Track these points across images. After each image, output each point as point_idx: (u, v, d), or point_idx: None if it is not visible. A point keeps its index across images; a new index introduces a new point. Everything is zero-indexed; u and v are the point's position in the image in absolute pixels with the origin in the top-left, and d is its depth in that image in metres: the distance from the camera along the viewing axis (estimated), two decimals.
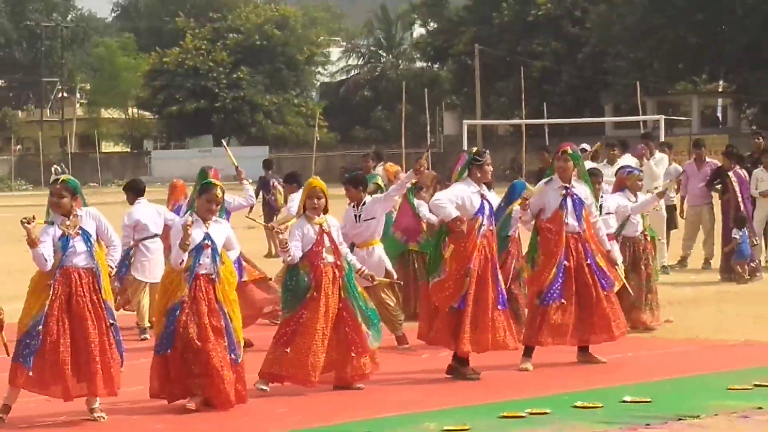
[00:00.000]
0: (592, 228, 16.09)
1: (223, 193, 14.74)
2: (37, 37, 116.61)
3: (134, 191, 20.85)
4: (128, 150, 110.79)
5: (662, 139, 44.79)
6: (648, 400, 13.07)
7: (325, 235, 14.59)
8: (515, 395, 13.77)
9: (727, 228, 25.28)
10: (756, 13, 79.79)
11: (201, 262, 13.41)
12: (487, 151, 16.35)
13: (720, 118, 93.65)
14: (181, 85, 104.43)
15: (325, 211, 14.87)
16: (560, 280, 15.37)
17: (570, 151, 16.53)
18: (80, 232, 12.87)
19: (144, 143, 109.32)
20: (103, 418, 12.90)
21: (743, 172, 25.57)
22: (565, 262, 15.51)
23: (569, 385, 14.36)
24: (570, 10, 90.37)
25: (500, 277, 15.52)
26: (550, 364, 15.80)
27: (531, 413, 12.52)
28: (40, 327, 12.49)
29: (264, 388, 14.24)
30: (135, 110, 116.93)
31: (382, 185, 18.83)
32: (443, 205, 15.31)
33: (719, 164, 28.12)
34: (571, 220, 15.76)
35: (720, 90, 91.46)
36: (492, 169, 16.24)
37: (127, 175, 63.10)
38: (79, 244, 12.79)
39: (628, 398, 13.22)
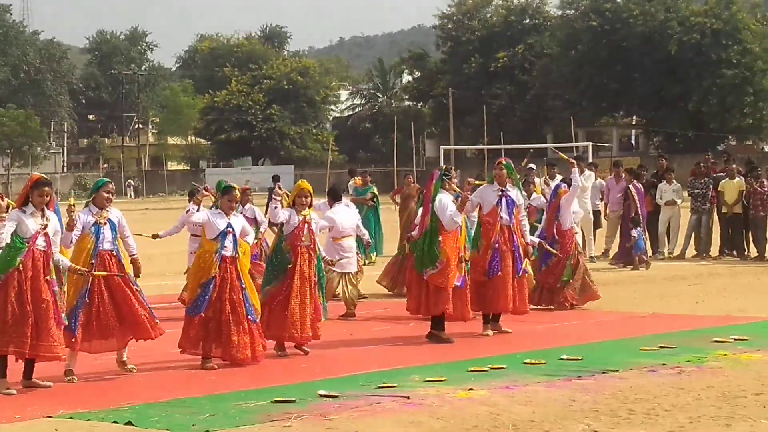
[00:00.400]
0: (519, 223, 16.26)
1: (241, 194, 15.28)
2: (120, 83, 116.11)
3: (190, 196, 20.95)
4: (188, 168, 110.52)
5: (590, 160, 44.72)
6: (580, 358, 13.14)
7: (305, 224, 14.70)
8: (479, 355, 13.78)
9: (626, 227, 25.35)
10: (660, 65, 79.85)
11: (225, 244, 13.52)
12: (452, 168, 16.74)
13: (633, 144, 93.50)
14: (227, 119, 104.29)
15: (309, 206, 15.09)
16: (497, 258, 15.48)
17: (504, 162, 16.86)
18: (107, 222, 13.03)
19: (200, 163, 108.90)
20: (134, 369, 13.05)
21: (639, 186, 25.72)
22: (496, 245, 15.68)
23: (520, 346, 14.36)
24: (521, 62, 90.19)
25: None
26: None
27: (492, 368, 12.57)
28: (86, 299, 12.61)
29: (283, 353, 14.38)
30: (193, 138, 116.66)
31: (376, 193, 18.84)
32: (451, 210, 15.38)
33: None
34: (504, 215, 15.94)
35: (633, 123, 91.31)
36: (456, 181, 16.50)
37: (186, 187, 62.61)
38: (107, 231, 12.98)
39: (564, 356, 13.31)
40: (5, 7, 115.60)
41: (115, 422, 10.16)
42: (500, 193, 16.09)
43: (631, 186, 23.57)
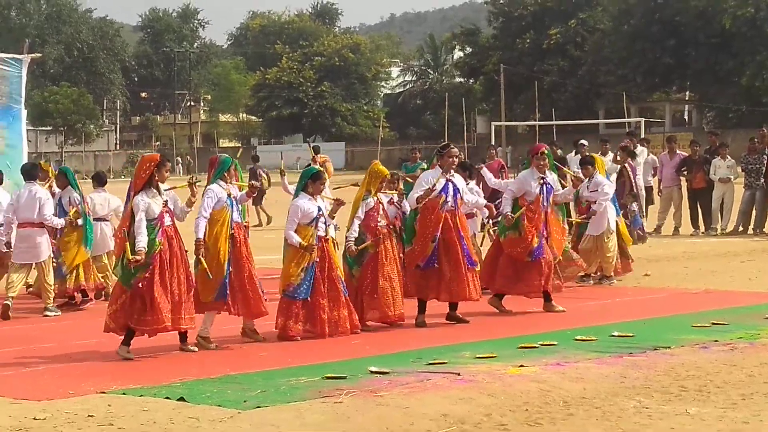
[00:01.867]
0: (461, 209, 15.68)
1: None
2: (171, 60, 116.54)
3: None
4: (239, 145, 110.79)
5: (642, 135, 44.61)
6: (631, 334, 13.10)
7: (380, 205, 14.87)
8: (530, 332, 13.78)
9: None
10: (713, 40, 79.25)
11: (319, 227, 13.81)
12: (451, 144, 16.28)
13: (687, 120, 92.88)
14: (278, 96, 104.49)
15: (388, 189, 15.22)
16: (541, 243, 15.52)
17: (546, 151, 16.84)
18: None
19: (251, 140, 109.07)
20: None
21: (633, 164, 25.58)
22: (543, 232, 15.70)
23: (571, 323, 14.34)
24: (573, 37, 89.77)
25: (465, 242, 15.21)
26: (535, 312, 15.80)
27: (542, 344, 12.57)
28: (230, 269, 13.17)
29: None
30: (244, 115, 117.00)
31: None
32: (414, 192, 15.18)
33: (686, 155, 28.06)
34: (545, 203, 15.94)
35: (686, 98, 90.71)
36: (454, 159, 15.72)
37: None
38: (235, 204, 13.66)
39: (615, 333, 13.25)
40: None
41: (167, 398, 10.24)
42: (541, 180, 16.02)
43: (626, 165, 23.28)
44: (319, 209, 13.90)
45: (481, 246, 18.28)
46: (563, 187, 16.97)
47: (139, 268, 12.12)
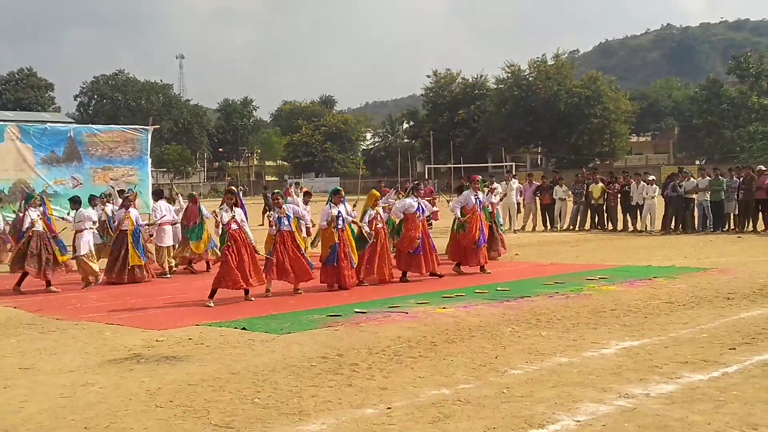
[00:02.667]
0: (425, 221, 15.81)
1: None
2: (237, 129, 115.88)
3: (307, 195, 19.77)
4: (276, 179, 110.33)
5: (514, 173, 44.70)
6: (508, 289, 13.02)
7: (378, 215, 14.96)
8: (449, 287, 13.66)
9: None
10: (554, 117, 79.81)
11: (339, 223, 13.96)
12: (420, 185, 17.16)
13: (540, 163, 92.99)
14: (300, 150, 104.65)
15: (377, 204, 15.24)
16: (419, 242, 15.06)
17: (479, 179, 16.94)
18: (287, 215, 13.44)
19: (284, 176, 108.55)
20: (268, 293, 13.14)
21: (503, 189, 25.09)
22: (421, 235, 15.23)
23: (473, 282, 14.24)
24: (472, 116, 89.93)
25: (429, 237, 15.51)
26: (468, 275, 15.71)
27: (456, 295, 12.52)
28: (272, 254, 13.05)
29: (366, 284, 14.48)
30: (280, 161, 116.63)
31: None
32: (399, 209, 15.56)
33: (539, 184, 28.14)
34: (478, 209, 15.83)
35: (539, 151, 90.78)
36: (422, 192, 16.63)
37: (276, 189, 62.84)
38: (285, 220, 13.31)
39: (499, 288, 13.18)
40: (169, 85, 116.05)
41: (235, 328, 10.29)
42: (475, 196, 15.96)
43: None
44: (339, 212, 14.01)
45: None
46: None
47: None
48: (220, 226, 12.53)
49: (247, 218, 13.27)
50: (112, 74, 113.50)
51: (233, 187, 14.30)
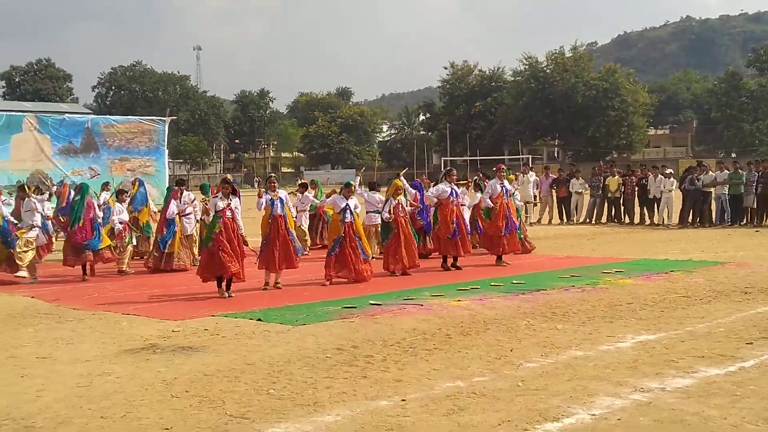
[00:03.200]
0: (460, 204, 15.91)
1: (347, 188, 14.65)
2: (254, 120, 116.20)
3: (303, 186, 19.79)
4: (293, 171, 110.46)
5: (531, 166, 44.69)
6: (523, 282, 13.03)
7: (400, 204, 14.89)
8: (464, 280, 13.66)
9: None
10: (572, 110, 79.55)
11: (346, 215, 13.88)
12: (452, 170, 16.53)
13: (556, 156, 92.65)
14: (316, 142, 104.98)
15: (404, 194, 15.43)
16: (510, 220, 15.55)
17: (504, 167, 17.03)
18: (280, 198, 13.26)
19: (301, 168, 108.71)
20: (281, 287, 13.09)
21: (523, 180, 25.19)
22: (508, 214, 15.57)
23: (488, 275, 14.24)
24: (489, 108, 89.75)
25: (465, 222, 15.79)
26: (479, 265, 15.69)
27: (471, 288, 12.52)
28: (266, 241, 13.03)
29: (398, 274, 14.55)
30: (296, 153, 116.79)
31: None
32: (434, 194, 15.63)
33: (556, 177, 28.13)
34: (505, 197, 15.82)
35: (556, 144, 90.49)
36: (454, 177, 16.11)
37: (292, 182, 62.60)
38: (278, 204, 13.18)
39: (515, 281, 13.18)
40: (186, 76, 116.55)
41: (250, 319, 10.32)
42: (501, 185, 15.89)
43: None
44: (347, 205, 13.94)
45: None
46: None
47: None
48: (211, 213, 12.35)
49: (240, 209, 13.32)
50: (129, 65, 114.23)
51: (229, 176, 14.26)
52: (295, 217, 16.39)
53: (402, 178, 16.70)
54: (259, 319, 10.22)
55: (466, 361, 7.87)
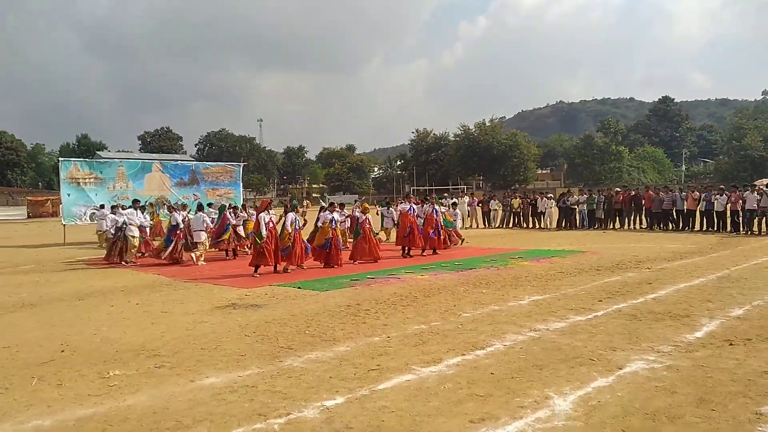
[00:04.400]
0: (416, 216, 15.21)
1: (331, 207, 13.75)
2: (296, 166, 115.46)
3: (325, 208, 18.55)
4: (319, 195, 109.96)
5: (465, 192, 44.47)
6: (461, 263, 12.92)
7: (366, 219, 14.10)
8: (425, 262, 13.55)
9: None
10: (491, 158, 79.34)
11: (333, 224, 13.09)
12: (411, 196, 16.30)
13: (481, 186, 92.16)
14: (334, 178, 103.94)
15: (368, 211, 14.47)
16: (410, 228, 14.77)
17: (435, 196, 16.83)
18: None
19: (324, 194, 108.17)
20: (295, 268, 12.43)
21: (429, 206, 24.85)
22: (438, 226, 15.21)
23: (440, 259, 14.11)
24: (439, 157, 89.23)
25: (418, 228, 15.15)
26: (436, 255, 15.55)
27: (430, 267, 12.41)
28: (290, 244, 12.23)
29: (358, 262, 13.73)
30: (321, 184, 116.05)
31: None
32: (400, 209, 15.09)
33: (480, 199, 28.02)
34: (435, 216, 15.24)
35: (481, 179, 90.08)
36: (411, 199, 15.97)
37: (318, 204, 63.14)
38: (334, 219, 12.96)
39: (456, 263, 13.07)
40: (253, 138, 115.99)
41: (293, 287, 10.18)
42: (432, 207, 15.52)
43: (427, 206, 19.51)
44: (332, 218, 13.20)
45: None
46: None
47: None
48: (261, 223, 11.69)
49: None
50: (218, 130, 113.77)
51: (270, 199, 13.40)
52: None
53: (362, 204, 15.83)
54: (299, 287, 10.14)
55: (427, 313, 7.86)
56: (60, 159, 22.54)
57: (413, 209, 15.24)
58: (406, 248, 15.04)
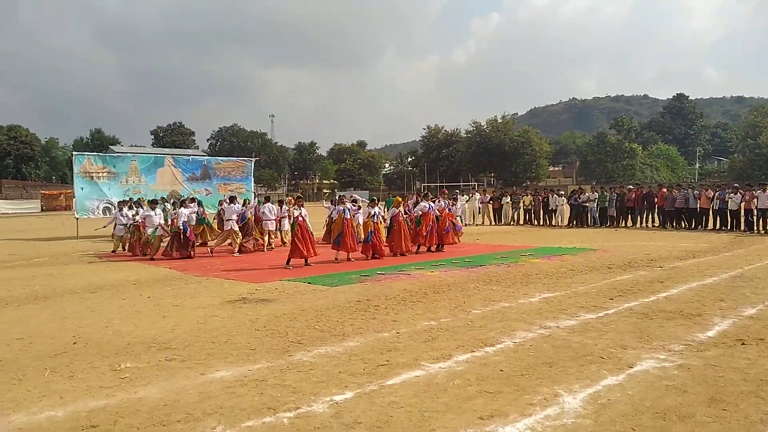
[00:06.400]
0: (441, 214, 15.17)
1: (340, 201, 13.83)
2: (307, 162, 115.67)
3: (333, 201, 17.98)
4: (330, 191, 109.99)
5: (476, 189, 44.36)
6: (471, 260, 12.89)
7: (399, 213, 14.20)
8: (435, 258, 13.53)
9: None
10: (502, 155, 78.97)
11: (375, 218, 13.31)
12: (428, 194, 15.85)
13: (492, 183, 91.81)
14: (345, 174, 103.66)
15: (401, 205, 14.52)
16: (430, 227, 14.81)
17: (446, 192, 16.70)
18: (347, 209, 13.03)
19: (335, 189, 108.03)
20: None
21: (438, 202, 24.17)
22: (431, 223, 14.93)
23: (450, 256, 14.10)
24: (451, 153, 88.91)
25: (436, 226, 15.01)
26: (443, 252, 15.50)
27: (440, 263, 12.39)
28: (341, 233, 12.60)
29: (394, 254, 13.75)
30: (332, 180, 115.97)
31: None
32: (419, 208, 14.89)
33: (491, 195, 27.94)
34: (431, 212, 14.97)
35: (492, 175, 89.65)
36: (428, 197, 15.56)
37: (328, 198, 62.81)
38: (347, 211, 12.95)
39: (467, 259, 13.02)
40: (264, 133, 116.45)
41: (304, 282, 10.19)
42: (444, 202, 15.59)
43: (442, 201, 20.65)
44: (375, 212, 13.40)
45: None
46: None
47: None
48: (291, 217, 12.03)
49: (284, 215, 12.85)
50: (230, 126, 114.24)
51: (300, 195, 13.64)
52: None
53: (361, 199, 15.91)
54: (309, 282, 10.17)
55: (437, 309, 7.85)
56: (74, 153, 22.74)
57: (432, 208, 15.10)
58: (437, 244, 14.94)
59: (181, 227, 14.42)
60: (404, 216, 14.46)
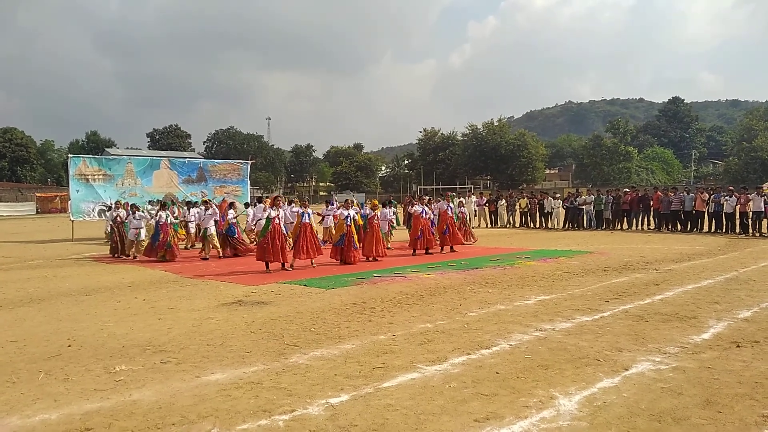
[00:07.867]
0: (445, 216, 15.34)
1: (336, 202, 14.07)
2: (304, 164, 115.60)
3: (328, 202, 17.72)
4: (327, 193, 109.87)
5: (472, 191, 44.43)
6: (467, 263, 12.91)
7: (375, 215, 14.19)
8: (431, 261, 13.55)
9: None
10: (498, 158, 79.10)
11: (348, 220, 13.20)
12: (426, 198, 16.11)
13: (489, 186, 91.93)
14: (342, 176, 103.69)
15: (377, 208, 14.61)
16: (449, 226, 14.91)
17: (450, 194, 16.91)
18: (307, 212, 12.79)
19: (331, 192, 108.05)
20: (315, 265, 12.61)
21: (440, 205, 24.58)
22: (447, 224, 15.12)
23: (445, 258, 14.11)
24: (447, 156, 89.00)
25: (431, 227, 15.18)
26: (444, 254, 15.56)
27: (436, 266, 12.39)
28: (299, 238, 12.47)
29: (367, 259, 13.79)
30: (329, 182, 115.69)
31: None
32: (414, 210, 14.96)
33: (487, 198, 28.01)
34: (450, 213, 15.32)
35: (489, 178, 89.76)
36: (423, 200, 15.74)
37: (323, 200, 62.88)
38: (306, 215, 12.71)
39: (462, 262, 13.06)
40: (261, 135, 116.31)
41: (299, 284, 10.18)
42: (447, 204, 15.64)
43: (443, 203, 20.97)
44: (348, 214, 13.28)
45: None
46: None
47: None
48: (264, 219, 11.93)
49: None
50: (226, 128, 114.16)
51: (278, 195, 13.60)
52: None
53: (371, 201, 15.81)
54: (305, 285, 10.16)
55: (433, 311, 7.85)
56: (69, 155, 22.71)
57: (425, 211, 15.16)
58: (425, 248, 15.00)
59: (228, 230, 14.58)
60: (377, 220, 14.24)
